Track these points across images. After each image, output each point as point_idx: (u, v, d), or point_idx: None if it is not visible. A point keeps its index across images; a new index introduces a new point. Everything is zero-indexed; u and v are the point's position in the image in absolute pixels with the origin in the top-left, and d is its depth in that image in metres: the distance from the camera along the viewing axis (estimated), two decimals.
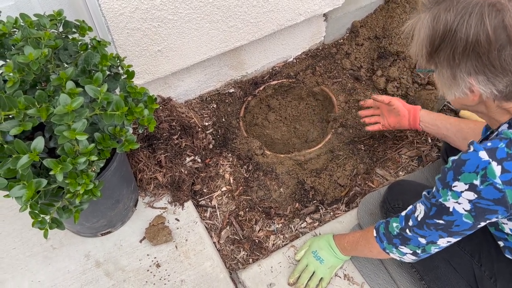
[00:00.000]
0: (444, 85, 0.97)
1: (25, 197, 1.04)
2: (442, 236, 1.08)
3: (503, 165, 0.88)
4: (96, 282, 1.50)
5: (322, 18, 2.10)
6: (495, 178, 0.89)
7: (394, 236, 1.20)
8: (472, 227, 1.02)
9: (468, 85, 0.91)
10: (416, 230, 1.12)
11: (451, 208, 1.00)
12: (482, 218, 0.98)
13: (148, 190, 1.69)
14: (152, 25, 1.55)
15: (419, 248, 1.16)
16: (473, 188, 0.93)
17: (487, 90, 0.90)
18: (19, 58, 1.03)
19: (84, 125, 1.03)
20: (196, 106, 2.01)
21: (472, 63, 0.88)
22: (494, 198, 0.91)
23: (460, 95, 0.95)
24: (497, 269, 1.18)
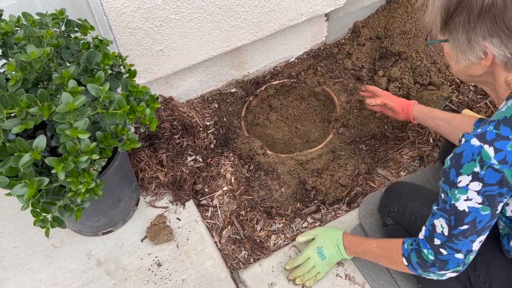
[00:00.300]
0: (459, 50, 0.98)
1: (26, 195, 1.04)
2: (473, 240, 1.05)
3: (495, 145, 0.90)
4: (97, 281, 1.50)
5: (324, 18, 2.10)
6: (491, 160, 0.91)
7: (430, 264, 1.14)
8: (493, 216, 1.00)
9: (483, 48, 0.93)
10: (451, 246, 1.08)
11: (466, 208, 1.00)
12: (496, 203, 0.98)
13: (149, 189, 1.69)
14: (154, 25, 1.55)
15: (460, 266, 1.11)
16: (476, 177, 0.94)
17: (501, 52, 0.92)
18: (22, 57, 1.03)
19: (86, 124, 1.03)
20: (197, 106, 2.01)
21: (487, 26, 0.90)
22: (496, 180, 0.93)
23: (474, 59, 0.97)
24: (492, 274, 1.18)
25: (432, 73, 1.96)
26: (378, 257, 1.33)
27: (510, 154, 0.90)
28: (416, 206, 1.36)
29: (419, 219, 1.35)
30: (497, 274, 1.17)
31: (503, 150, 0.90)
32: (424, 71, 1.96)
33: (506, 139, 0.90)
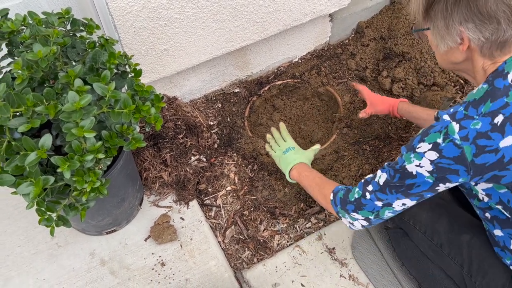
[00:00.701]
0: (438, 36, 1.06)
1: (32, 194, 1.04)
2: (399, 198, 1.14)
3: (461, 123, 0.98)
4: (101, 280, 1.50)
5: (328, 18, 2.10)
6: (454, 134, 0.97)
7: (350, 202, 1.25)
8: (431, 187, 1.07)
9: (459, 33, 1.01)
10: (378, 194, 1.17)
11: (414, 171, 1.06)
12: (443, 179, 1.04)
13: (153, 189, 1.69)
14: (159, 24, 1.56)
15: (373, 213, 1.21)
16: (435, 147, 1.01)
17: (475, 36, 0.99)
18: (28, 56, 1.03)
19: (92, 123, 1.03)
20: (201, 106, 2.01)
21: (462, 11, 0.97)
22: (454, 156, 0.99)
23: (452, 44, 1.04)
24: (488, 281, 1.18)
25: (436, 74, 1.96)
26: (314, 185, 1.44)
27: (472, 132, 0.96)
28: (414, 210, 1.36)
29: (416, 224, 1.35)
30: (494, 281, 1.17)
31: (467, 128, 0.97)
32: (428, 71, 1.96)
33: (471, 119, 0.97)
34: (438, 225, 1.30)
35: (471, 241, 1.23)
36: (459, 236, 1.25)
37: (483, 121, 0.96)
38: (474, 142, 0.96)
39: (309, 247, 1.58)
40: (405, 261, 1.45)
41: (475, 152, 0.97)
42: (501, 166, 0.97)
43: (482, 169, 0.98)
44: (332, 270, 1.52)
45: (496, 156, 0.96)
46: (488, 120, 0.96)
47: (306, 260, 1.55)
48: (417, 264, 1.40)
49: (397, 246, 1.47)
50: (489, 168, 0.98)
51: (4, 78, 1.12)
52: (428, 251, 1.34)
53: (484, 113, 0.97)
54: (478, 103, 0.98)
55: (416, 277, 1.43)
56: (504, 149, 0.95)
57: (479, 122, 0.96)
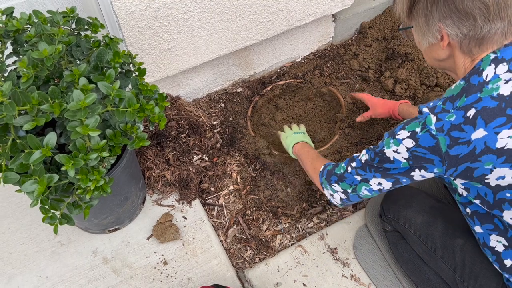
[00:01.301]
0: (420, 33, 1.12)
1: (36, 192, 1.04)
2: (376, 176, 1.20)
3: (438, 116, 1.04)
4: (104, 278, 1.51)
5: (331, 18, 2.10)
6: (431, 125, 1.03)
7: (334, 174, 1.32)
8: (407, 172, 1.13)
9: (438, 29, 1.06)
10: (358, 170, 1.24)
11: (391, 157, 1.13)
12: (418, 165, 1.10)
13: (156, 188, 1.70)
14: (163, 23, 1.56)
15: (351, 187, 1.28)
16: (413, 136, 1.07)
17: (453, 32, 1.04)
18: (34, 54, 1.03)
19: (96, 121, 1.04)
20: (204, 105, 2.01)
21: (441, 9, 1.03)
22: (429, 146, 1.04)
23: (433, 40, 1.10)
24: (480, 285, 1.19)
25: (439, 75, 1.96)
26: (310, 159, 1.54)
27: (446, 124, 1.02)
28: (410, 214, 1.37)
29: (412, 227, 1.36)
30: (486, 284, 1.18)
31: (442, 120, 1.03)
32: (431, 72, 1.96)
33: (447, 112, 1.03)
34: (433, 228, 1.31)
35: (464, 245, 1.24)
36: (453, 240, 1.26)
37: (457, 114, 1.02)
38: (448, 133, 1.02)
39: (311, 247, 1.58)
40: (402, 264, 1.46)
41: (449, 143, 1.02)
42: (473, 158, 1.01)
43: (456, 160, 1.03)
44: (334, 270, 1.52)
45: (468, 148, 1.01)
46: (462, 114, 1.01)
47: (308, 260, 1.55)
48: (414, 267, 1.40)
49: (394, 249, 1.47)
50: (462, 160, 1.02)
51: (9, 76, 1.13)
52: (422, 254, 1.35)
53: (459, 107, 1.02)
54: (455, 98, 1.04)
55: (413, 280, 1.44)
56: (475, 141, 1.00)
57: (453, 115, 1.02)
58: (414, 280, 1.43)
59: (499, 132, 0.98)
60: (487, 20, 0.99)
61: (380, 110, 1.80)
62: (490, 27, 1.00)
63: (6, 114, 0.98)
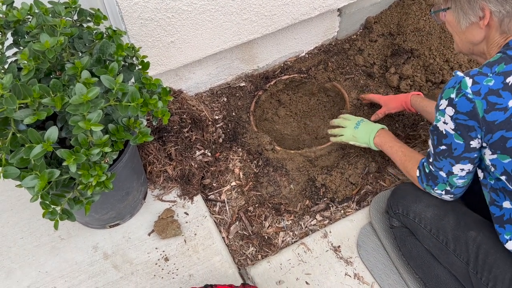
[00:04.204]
0: (461, 12, 1.11)
1: (37, 187, 1.02)
2: (452, 163, 1.18)
3: (474, 78, 1.03)
4: (104, 274, 1.49)
5: (336, 13, 2.07)
6: (467, 89, 1.03)
7: (428, 177, 1.29)
8: (466, 148, 1.12)
9: (481, 6, 1.06)
10: (435, 163, 1.23)
11: (443, 130, 1.13)
12: (467, 136, 1.09)
13: (157, 183, 1.68)
14: (166, 16, 1.53)
15: (447, 184, 1.25)
16: (451, 102, 1.07)
17: (497, 9, 1.04)
18: (35, 46, 1.01)
19: (99, 116, 1.01)
20: (206, 99, 1.99)
21: None
22: (467, 110, 1.04)
23: (474, 19, 1.09)
24: (495, 275, 1.17)
25: (444, 71, 1.93)
26: (398, 160, 1.47)
27: (484, 88, 1.01)
28: (420, 208, 1.36)
29: (422, 221, 1.34)
30: (500, 274, 1.16)
31: (479, 83, 1.02)
32: (437, 69, 1.94)
33: (484, 75, 1.03)
34: (444, 222, 1.30)
35: (477, 237, 1.23)
36: (466, 233, 1.25)
37: (496, 79, 1.01)
38: (485, 97, 1.01)
39: (314, 244, 1.57)
40: (410, 260, 1.44)
41: (486, 108, 1.02)
42: (508, 126, 1.01)
43: (492, 126, 1.03)
44: (337, 268, 1.51)
45: (505, 115, 1.01)
46: (501, 79, 1.01)
47: (311, 258, 1.53)
48: (422, 263, 1.39)
49: (402, 245, 1.46)
50: (498, 127, 1.02)
51: (10, 68, 1.10)
52: (433, 249, 1.33)
53: (498, 72, 1.02)
54: (492, 64, 1.04)
55: (421, 277, 1.42)
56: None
57: (492, 80, 1.01)
58: (422, 277, 1.41)
59: None
60: None
61: (392, 104, 1.76)
62: None
63: (6, 108, 0.95)
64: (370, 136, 1.60)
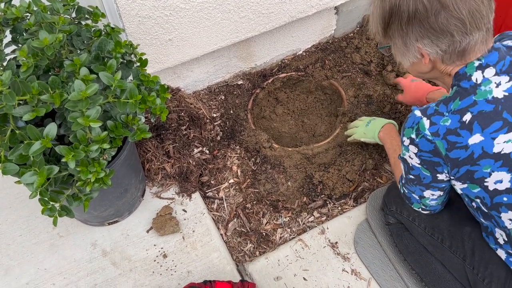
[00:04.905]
0: (399, 53, 1.11)
1: (36, 183, 1.02)
2: (423, 189, 1.21)
3: (431, 119, 1.04)
4: (103, 271, 1.50)
5: (334, 11, 2.08)
6: (425, 130, 1.05)
7: (404, 196, 1.32)
8: (434, 179, 1.14)
9: (417, 49, 1.06)
10: (407, 187, 1.26)
11: (410, 163, 1.16)
12: (434, 170, 1.11)
13: (155, 181, 1.68)
14: (164, 14, 1.53)
15: (421, 204, 1.28)
16: (412, 142, 1.09)
17: (433, 51, 1.04)
18: (34, 43, 1.01)
19: (98, 112, 1.02)
20: (204, 97, 1.99)
21: (417, 29, 1.02)
22: (430, 149, 1.06)
23: (413, 59, 1.09)
24: (491, 272, 1.18)
25: None
26: (391, 163, 1.52)
27: (442, 128, 1.03)
28: None
29: (416, 220, 1.35)
30: (496, 270, 1.18)
31: (437, 124, 1.03)
32: None
33: (441, 115, 1.04)
34: (438, 219, 1.31)
35: (472, 233, 1.24)
36: (461, 229, 1.26)
37: (452, 119, 1.02)
38: (445, 137, 1.03)
39: (312, 241, 1.58)
40: (407, 256, 1.45)
41: (447, 147, 1.03)
42: (472, 162, 1.03)
43: (456, 162, 1.05)
44: (334, 264, 1.52)
45: (466, 152, 1.02)
46: (457, 118, 1.01)
47: (309, 254, 1.54)
48: (420, 258, 1.40)
49: (399, 241, 1.47)
50: (462, 162, 1.04)
51: (8, 65, 1.11)
52: (428, 246, 1.34)
53: (453, 110, 1.02)
54: (448, 101, 1.04)
55: (418, 272, 1.43)
56: (472, 146, 1.01)
57: (448, 119, 1.03)
58: (419, 272, 1.42)
59: (495, 138, 1.00)
60: (465, 34, 0.99)
61: (408, 98, 1.76)
62: (469, 39, 1.00)
63: (5, 104, 0.96)
64: (375, 131, 1.63)
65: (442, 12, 0.98)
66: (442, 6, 0.98)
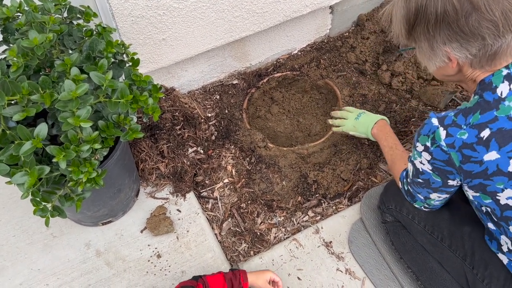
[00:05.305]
0: (425, 57, 1.06)
1: (27, 184, 1.02)
2: (430, 192, 1.19)
3: (448, 130, 1.01)
4: (97, 271, 1.49)
5: (328, 10, 2.08)
6: (441, 141, 1.02)
7: (407, 193, 1.30)
8: (444, 184, 1.12)
9: (445, 53, 1.01)
10: (413, 187, 1.24)
11: (420, 168, 1.14)
12: (445, 177, 1.10)
13: (150, 180, 1.68)
14: (157, 13, 1.53)
15: (424, 203, 1.26)
16: (427, 149, 1.06)
17: (462, 55, 0.98)
18: (24, 43, 1.01)
19: (88, 112, 1.02)
20: (199, 97, 1.99)
21: (445, 32, 0.97)
22: (444, 159, 1.04)
23: (440, 64, 1.04)
24: (490, 272, 1.17)
25: None
26: (387, 160, 1.50)
27: (458, 141, 0.99)
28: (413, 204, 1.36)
29: (415, 218, 1.35)
30: (496, 272, 1.17)
31: (453, 136, 1.00)
32: None
33: (458, 127, 0.99)
34: (438, 218, 1.30)
35: (472, 232, 1.23)
36: (461, 228, 1.26)
37: (470, 133, 0.98)
38: (460, 150, 1.00)
39: (306, 240, 1.57)
40: (404, 254, 1.45)
41: (461, 159, 1.01)
42: (485, 176, 1.00)
43: (469, 174, 1.02)
44: (328, 264, 1.52)
45: (480, 167, 0.99)
46: (475, 133, 0.97)
47: (303, 254, 1.54)
48: (416, 257, 1.39)
49: (395, 240, 1.46)
50: (475, 176, 1.02)
51: None
52: (427, 245, 1.33)
53: (472, 124, 0.98)
54: (468, 112, 0.99)
55: (415, 270, 1.42)
56: (487, 162, 0.98)
57: (465, 133, 0.98)
58: (415, 271, 1.41)
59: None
60: (497, 37, 0.94)
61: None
62: (501, 42, 0.95)
63: None
64: (368, 126, 1.60)
65: (473, 14, 0.92)
66: (473, 7, 0.92)
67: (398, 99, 1.95)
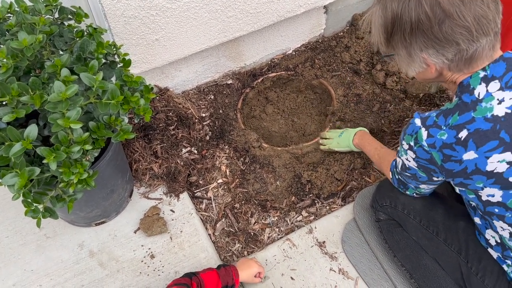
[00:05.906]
0: (404, 63, 1.10)
1: (17, 185, 1.02)
2: (418, 184, 1.24)
3: (429, 131, 1.05)
4: (90, 272, 1.49)
5: (323, 10, 2.08)
6: (423, 141, 1.06)
7: (399, 182, 1.33)
8: (430, 179, 1.18)
9: (423, 59, 1.04)
10: (403, 177, 1.28)
11: (407, 164, 1.18)
12: (430, 174, 1.14)
13: (143, 181, 1.68)
14: (150, 13, 1.53)
15: (414, 191, 1.31)
16: (411, 148, 1.11)
17: (439, 60, 1.02)
18: (13, 44, 1.01)
19: (78, 114, 1.02)
20: (193, 97, 1.99)
21: (421, 40, 1.00)
22: (426, 158, 1.08)
23: (419, 69, 1.08)
24: (484, 266, 1.19)
25: None
26: (374, 160, 1.56)
27: (438, 141, 1.03)
28: (408, 199, 1.37)
29: (411, 213, 1.36)
30: (490, 266, 1.18)
31: (434, 137, 1.04)
32: None
33: (438, 128, 1.03)
34: (434, 212, 1.32)
35: (467, 227, 1.25)
36: (456, 223, 1.27)
37: (449, 133, 1.02)
38: (440, 150, 1.04)
39: (300, 240, 1.58)
40: (397, 252, 1.45)
41: (442, 158, 1.04)
42: (465, 175, 1.04)
43: (451, 173, 1.06)
44: (322, 264, 1.52)
45: (460, 166, 1.03)
46: (453, 134, 1.01)
47: (297, 254, 1.54)
48: (410, 254, 1.39)
49: (389, 238, 1.46)
50: (456, 175, 1.05)
51: None
52: (422, 239, 1.34)
53: (451, 125, 1.02)
54: (448, 113, 1.03)
55: (408, 268, 1.42)
56: (466, 161, 1.01)
57: (445, 133, 1.02)
58: (409, 269, 1.41)
59: (489, 157, 0.99)
60: (471, 41, 0.97)
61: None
62: (476, 46, 0.98)
63: None
64: (349, 139, 1.69)
65: (446, 21, 0.95)
66: (446, 15, 0.95)
67: (392, 99, 1.95)
